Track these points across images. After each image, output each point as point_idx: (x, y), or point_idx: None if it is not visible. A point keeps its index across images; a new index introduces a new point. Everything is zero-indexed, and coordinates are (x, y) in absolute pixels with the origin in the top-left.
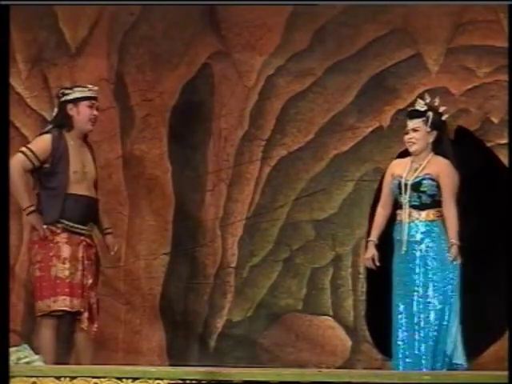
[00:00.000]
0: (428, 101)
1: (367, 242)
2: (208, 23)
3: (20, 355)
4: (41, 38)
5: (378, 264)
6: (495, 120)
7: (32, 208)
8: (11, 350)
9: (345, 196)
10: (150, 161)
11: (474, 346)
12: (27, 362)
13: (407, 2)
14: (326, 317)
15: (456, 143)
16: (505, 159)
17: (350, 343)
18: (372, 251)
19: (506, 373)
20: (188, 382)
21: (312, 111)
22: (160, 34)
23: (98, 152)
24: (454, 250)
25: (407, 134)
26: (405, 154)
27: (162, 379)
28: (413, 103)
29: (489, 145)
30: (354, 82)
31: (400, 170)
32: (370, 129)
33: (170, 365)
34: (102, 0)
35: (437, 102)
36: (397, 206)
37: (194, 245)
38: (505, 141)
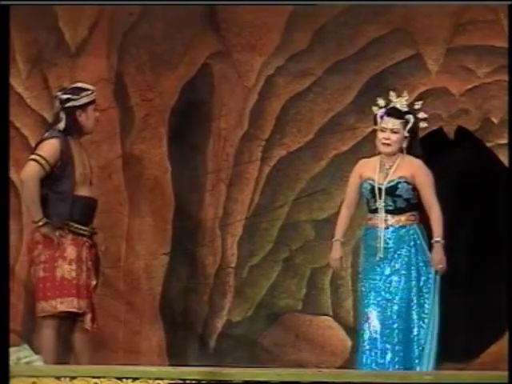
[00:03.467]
0: (406, 98)
1: (333, 241)
2: (208, 23)
3: (20, 355)
4: (41, 38)
5: (344, 266)
6: (495, 120)
7: (44, 220)
8: (11, 349)
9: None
10: (149, 161)
11: (474, 346)
12: (27, 362)
13: (407, 1)
14: (325, 317)
15: (456, 143)
16: (505, 159)
17: (349, 343)
18: (339, 252)
19: (506, 373)
20: (188, 382)
21: (312, 111)
22: (160, 33)
23: (97, 152)
24: (437, 249)
25: (383, 131)
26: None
27: (162, 379)
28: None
29: (489, 145)
30: (353, 82)
31: (369, 171)
32: (370, 129)
33: (170, 365)
34: (102, 0)
35: (418, 105)
36: (368, 208)
37: (194, 245)
38: (505, 141)
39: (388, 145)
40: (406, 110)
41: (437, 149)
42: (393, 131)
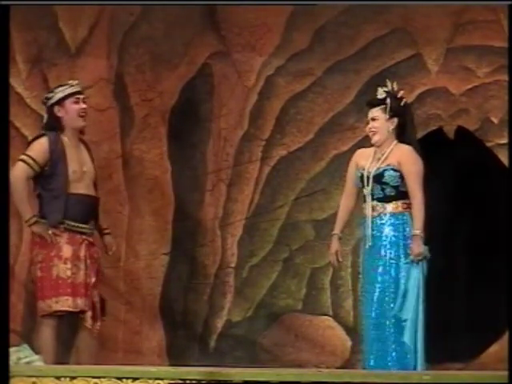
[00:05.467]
0: (389, 87)
1: (331, 235)
2: (208, 23)
3: (20, 355)
4: (41, 38)
5: (340, 260)
6: (495, 120)
7: (35, 218)
8: (11, 349)
9: None
10: (149, 161)
11: (474, 346)
12: (27, 362)
13: (407, 2)
14: (325, 317)
15: (456, 143)
16: (505, 159)
17: (349, 343)
18: (336, 246)
19: (506, 373)
20: (188, 382)
21: (312, 111)
22: (160, 33)
23: (97, 152)
24: (416, 242)
25: (368, 124)
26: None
27: (162, 379)
28: (412, 103)
29: (489, 145)
30: (353, 82)
31: (363, 160)
32: None
33: (170, 365)
34: (102, 0)
35: (395, 87)
36: (362, 197)
37: (194, 245)
38: (505, 141)
39: (374, 133)
40: (384, 96)
41: (437, 149)
42: (373, 119)
